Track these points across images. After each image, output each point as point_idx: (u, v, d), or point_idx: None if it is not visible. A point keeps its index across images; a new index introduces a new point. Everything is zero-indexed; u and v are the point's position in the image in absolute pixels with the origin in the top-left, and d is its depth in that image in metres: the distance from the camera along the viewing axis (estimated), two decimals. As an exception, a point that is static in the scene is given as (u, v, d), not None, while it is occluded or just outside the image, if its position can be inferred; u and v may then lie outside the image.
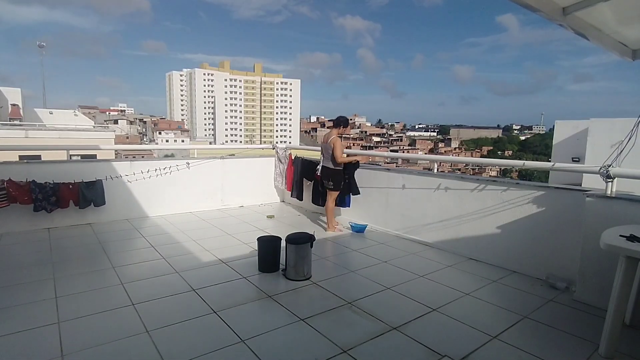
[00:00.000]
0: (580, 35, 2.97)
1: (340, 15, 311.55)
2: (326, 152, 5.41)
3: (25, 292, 3.35)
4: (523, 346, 2.65)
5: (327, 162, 5.43)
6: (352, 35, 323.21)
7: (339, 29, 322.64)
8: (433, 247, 4.89)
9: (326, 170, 5.43)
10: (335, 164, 5.31)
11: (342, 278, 3.86)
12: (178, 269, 3.94)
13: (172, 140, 76.21)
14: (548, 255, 3.79)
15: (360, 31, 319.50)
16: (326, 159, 5.45)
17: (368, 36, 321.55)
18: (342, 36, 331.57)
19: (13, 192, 5.00)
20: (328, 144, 5.35)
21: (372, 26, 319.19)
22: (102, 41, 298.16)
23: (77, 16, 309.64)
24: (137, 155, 20.57)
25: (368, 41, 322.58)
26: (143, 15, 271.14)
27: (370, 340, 2.69)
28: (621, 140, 3.10)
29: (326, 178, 5.45)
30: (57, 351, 2.46)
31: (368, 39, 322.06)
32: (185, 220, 6.03)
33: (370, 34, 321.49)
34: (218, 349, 2.53)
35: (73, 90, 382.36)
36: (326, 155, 5.43)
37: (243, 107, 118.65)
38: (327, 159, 5.41)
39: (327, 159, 5.43)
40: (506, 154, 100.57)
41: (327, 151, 5.37)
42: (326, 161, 5.45)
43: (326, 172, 5.43)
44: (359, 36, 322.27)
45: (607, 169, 3.23)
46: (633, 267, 2.45)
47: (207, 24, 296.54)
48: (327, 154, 5.40)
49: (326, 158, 5.44)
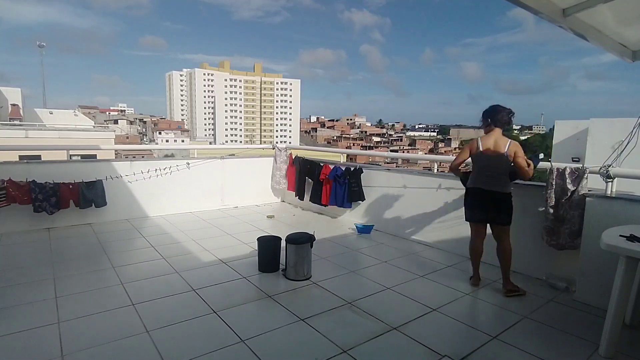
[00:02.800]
0: (580, 36, 2.97)
1: (340, 14, 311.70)
2: (496, 166, 3.40)
3: (25, 292, 3.35)
4: (523, 346, 2.65)
5: (495, 184, 3.41)
6: (352, 35, 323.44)
7: (338, 29, 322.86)
8: (433, 247, 4.89)
9: (500, 197, 3.42)
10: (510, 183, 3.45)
11: (342, 278, 3.86)
12: (178, 269, 3.94)
13: (172, 140, 76.21)
14: (548, 255, 3.78)
15: (360, 30, 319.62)
16: (494, 178, 3.42)
17: (371, 34, 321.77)
18: (341, 36, 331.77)
19: (13, 192, 5.00)
20: (503, 155, 3.34)
21: (373, 25, 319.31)
22: (102, 41, 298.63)
23: (77, 16, 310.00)
24: (137, 155, 20.56)
25: (371, 39, 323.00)
26: (143, 15, 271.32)
27: (370, 340, 2.69)
28: (621, 140, 3.10)
29: (497, 209, 3.44)
30: (57, 351, 2.46)
31: (371, 37, 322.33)
32: (185, 220, 6.03)
33: (373, 31, 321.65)
34: (218, 349, 2.53)
35: (73, 90, 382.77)
36: (495, 173, 3.42)
37: (243, 107, 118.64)
38: (498, 177, 3.41)
39: (496, 178, 3.42)
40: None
41: (500, 165, 3.38)
42: (493, 181, 3.42)
43: (500, 199, 3.43)
44: (360, 35, 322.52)
45: (607, 169, 3.23)
46: (633, 267, 2.45)
47: (207, 24, 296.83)
48: (497, 168, 3.40)
49: (495, 177, 3.42)
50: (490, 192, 3.44)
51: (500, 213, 3.45)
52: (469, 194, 3.65)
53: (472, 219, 3.65)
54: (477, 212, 3.58)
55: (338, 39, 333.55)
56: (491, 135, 3.45)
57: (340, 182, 6.03)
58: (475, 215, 3.61)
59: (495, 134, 3.45)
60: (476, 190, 3.54)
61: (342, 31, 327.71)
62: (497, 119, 3.44)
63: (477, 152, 3.49)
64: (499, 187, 3.42)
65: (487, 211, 3.49)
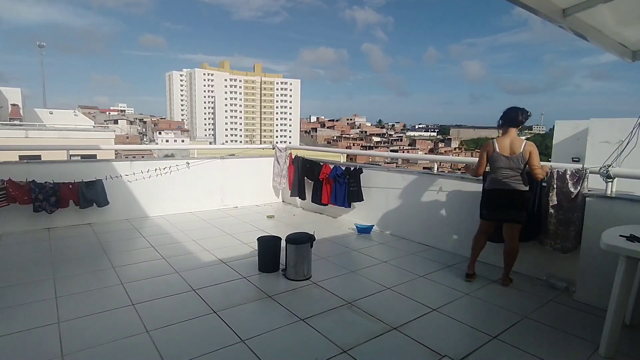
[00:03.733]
0: (580, 36, 2.97)
1: (342, 12, 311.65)
2: (513, 167, 3.48)
3: (25, 292, 3.35)
4: (523, 346, 2.65)
5: (512, 183, 3.50)
6: (353, 34, 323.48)
7: (339, 28, 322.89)
8: (433, 247, 4.88)
9: (517, 196, 3.52)
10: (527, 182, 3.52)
11: (342, 278, 3.86)
12: (178, 269, 3.94)
13: (172, 140, 76.15)
14: (548, 255, 3.78)
15: (361, 30, 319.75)
16: (511, 177, 3.50)
17: (372, 34, 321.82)
18: (342, 36, 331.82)
19: (13, 192, 5.00)
20: (521, 155, 3.43)
21: (375, 24, 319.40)
22: (102, 40, 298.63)
23: (77, 16, 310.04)
24: (137, 155, 20.56)
25: (372, 38, 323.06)
26: (143, 13, 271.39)
27: (370, 340, 2.69)
28: (621, 140, 3.10)
29: (516, 207, 3.53)
30: (57, 351, 2.46)
31: (372, 37, 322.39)
32: (185, 220, 6.03)
33: (374, 31, 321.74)
34: (218, 349, 2.53)
35: (72, 90, 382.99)
36: (512, 173, 3.50)
37: (243, 107, 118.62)
38: (515, 176, 3.50)
39: (513, 177, 3.50)
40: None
41: (517, 165, 3.46)
42: (514, 182, 3.50)
43: (517, 198, 3.52)
44: (361, 35, 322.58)
45: (607, 169, 3.23)
46: (633, 267, 2.45)
47: (207, 24, 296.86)
48: (514, 169, 3.48)
49: (512, 177, 3.50)
50: (508, 191, 3.54)
51: (518, 211, 3.54)
52: (486, 195, 3.75)
53: (487, 219, 3.75)
54: (493, 212, 3.68)
55: (338, 38, 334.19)
56: (507, 136, 3.55)
57: (340, 181, 6.03)
58: (490, 215, 3.70)
59: (510, 134, 3.54)
60: (494, 191, 3.63)
61: (342, 31, 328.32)
62: (512, 119, 3.53)
63: (493, 154, 3.59)
64: (517, 186, 3.52)
65: (502, 211, 3.61)
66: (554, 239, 3.60)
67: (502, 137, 3.58)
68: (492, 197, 3.65)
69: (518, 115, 3.51)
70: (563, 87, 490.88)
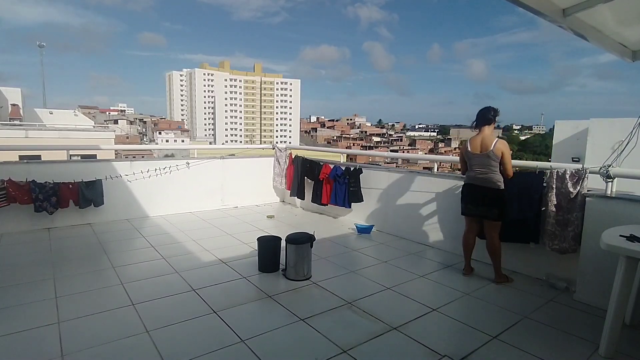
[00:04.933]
0: (580, 36, 2.97)
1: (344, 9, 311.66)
2: (484, 164, 3.64)
3: (25, 292, 3.35)
4: (523, 346, 2.65)
5: (484, 180, 3.64)
6: (353, 34, 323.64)
7: (339, 28, 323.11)
8: (433, 247, 4.89)
9: (488, 193, 3.63)
10: (502, 180, 3.64)
11: (342, 278, 3.86)
12: (178, 269, 3.94)
13: (172, 140, 76.16)
14: (548, 255, 3.78)
15: (361, 29, 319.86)
16: (483, 174, 3.65)
17: (373, 33, 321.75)
18: (342, 36, 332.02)
19: (13, 192, 5.00)
20: (491, 152, 3.57)
21: (377, 23, 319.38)
22: (102, 40, 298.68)
23: (77, 16, 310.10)
24: (137, 155, 20.57)
25: (374, 37, 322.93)
26: (142, 11, 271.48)
27: (370, 340, 2.69)
28: (621, 140, 3.10)
29: (487, 203, 3.65)
30: (57, 351, 2.46)
31: (373, 36, 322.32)
32: (185, 220, 6.03)
33: (376, 30, 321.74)
34: (218, 349, 2.53)
35: (72, 89, 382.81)
36: (484, 170, 3.65)
37: (243, 107, 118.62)
38: (487, 173, 3.64)
39: (485, 174, 3.65)
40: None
41: (488, 162, 3.61)
42: (485, 178, 3.64)
43: (488, 195, 3.64)
44: (362, 34, 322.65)
45: (607, 169, 3.23)
46: (633, 267, 2.45)
47: (207, 24, 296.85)
48: (486, 166, 3.63)
49: (484, 174, 3.65)
50: (480, 187, 3.71)
51: (490, 208, 3.67)
52: (462, 189, 3.95)
53: (464, 213, 3.94)
54: (469, 207, 3.86)
55: (339, 38, 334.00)
56: (479, 135, 3.73)
57: (340, 181, 6.03)
58: (467, 209, 3.89)
59: (483, 132, 3.71)
60: (467, 186, 3.87)
61: (342, 31, 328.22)
62: (482, 117, 3.73)
63: (466, 152, 3.82)
64: (488, 183, 3.66)
65: (477, 206, 3.77)
66: (552, 239, 3.60)
67: (474, 136, 3.77)
68: (465, 191, 3.88)
69: (488, 113, 3.69)
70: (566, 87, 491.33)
